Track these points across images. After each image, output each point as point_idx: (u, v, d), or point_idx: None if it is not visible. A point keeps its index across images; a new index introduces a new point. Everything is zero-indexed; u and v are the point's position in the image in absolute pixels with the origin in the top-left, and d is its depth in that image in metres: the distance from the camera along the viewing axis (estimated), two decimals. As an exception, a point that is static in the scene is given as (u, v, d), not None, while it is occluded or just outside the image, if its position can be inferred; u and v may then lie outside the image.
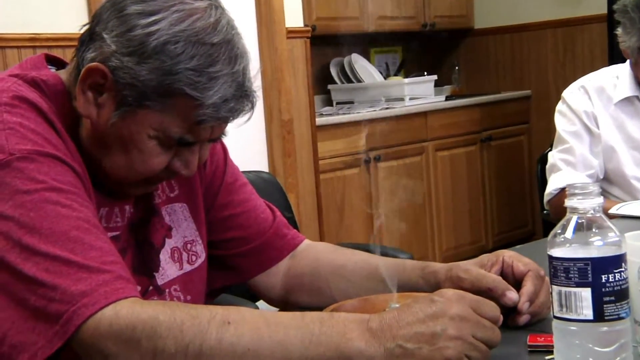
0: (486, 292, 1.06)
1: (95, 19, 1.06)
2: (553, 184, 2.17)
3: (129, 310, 0.89)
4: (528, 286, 1.08)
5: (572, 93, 2.23)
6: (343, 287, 1.24)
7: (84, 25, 1.08)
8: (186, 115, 1.02)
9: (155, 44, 1.00)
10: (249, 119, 1.08)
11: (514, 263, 1.12)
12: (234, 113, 1.05)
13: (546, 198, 2.20)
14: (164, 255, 1.18)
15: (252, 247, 1.28)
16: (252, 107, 1.08)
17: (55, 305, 0.89)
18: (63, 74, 1.10)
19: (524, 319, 1.07)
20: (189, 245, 1.22)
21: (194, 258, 1.22)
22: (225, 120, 1.05)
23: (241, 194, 1.29)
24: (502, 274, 1.13)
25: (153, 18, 1.01)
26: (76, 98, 1.06)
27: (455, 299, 0.91)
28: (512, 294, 1.06)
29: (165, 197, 1.21)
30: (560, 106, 2.25)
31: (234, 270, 1.29)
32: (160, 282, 1.17)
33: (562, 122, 2.22)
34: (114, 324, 0.88)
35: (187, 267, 1.21)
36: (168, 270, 1.18)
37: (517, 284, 1.10)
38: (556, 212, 2.17)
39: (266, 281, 1.30)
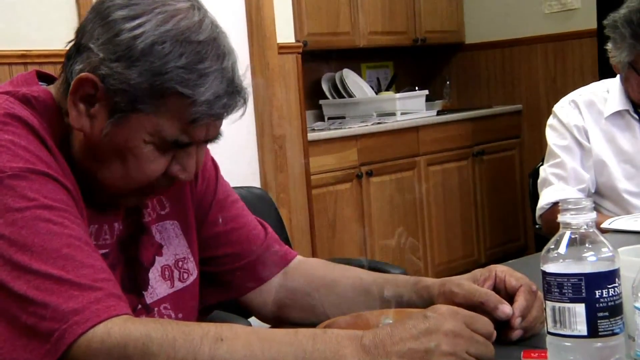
0: (479, 306, 1.06)
1: (80, 32, 1.06)
2: (545, 199, 2.18)
3: (120, 328, 0.89)
4: (520, 301, 1.08)
5: (563, 107, 2.24)
6: (335, 303, 1.23)
7: (70, 42, 1.08)
8: (180, 115, 1.02)
9: (142, 46, 1.00)
10: (242, 114, 1.08)
11: (507, 278, 1.12)
12: (227, 109, 1.05)
13: (538, 212, 2.20)
14: (154, 274, 1.17)
15: (244, 263, 1.27)
16: (245, 103, 1.08)
17: (46, 323, 0.89)
18: (52, 89, 1.10)
19: (516, 334, 1.06)
20: (180, 263, 1.21)
21: (185, 276, 1.22)
22: (219, 117, 1.05)
23: (233, 210, 1.29)
24: (495, 288, 1.12)
25: (138, 21, 1.01)
26: (67, 113, 1.05)
27: (449, 315, 0.90)
28: (505, 307, 1.06)
29: (155, 215, 1.20)
30: (551, 120, 2.26)
31: (226, 287, 1.28)
32: (149, 300, 1.16)
33: (553, 136, 2.23)
34: (106, 342, 0.88)
35: (179, 285, 1.20)
36: (157, 288, 1.17)
37: (509, 298, 1.10)
38: (548, 226, 2.17)
39: (258, 298, 1.29)
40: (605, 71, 2.22)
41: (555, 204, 2.12)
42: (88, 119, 1.04)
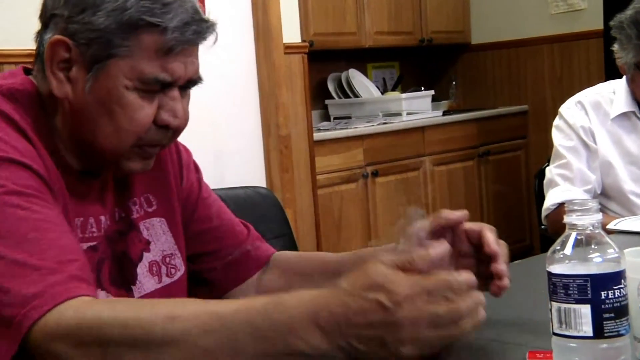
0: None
1: (43, 9, 1.10)
2: (550, 200, 2.17)
3: (75, 311, 0.89)
4: (494, 243, 1.04)
5: (569, 108, 2.24)
6: None
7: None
8: (155, 49, 1.04)
9: None
10: (215, 41, 1.11)
11: (462, 225, 1.11)
12: (198, 35, 1.07)
13: (544, 213, 2.20)
14: (142, 269, 1.19)
15: (228, 260, 1.29)
16: (214, 30, 1.10)
17: (8, 309, 0.89)
18: (34, 79, 1.12)
19: (506, 282, 1.02)
20: (167, 259, 1.22)
21: (173, 271, 1.23)
22: (193, 42, 1.07)
23: (216, 208, 1.31)
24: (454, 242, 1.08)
25: None
26: (49, 97, 1.07)
27: (405, 298, 0.80)
28: (489, 239, 1.04)
29: (143, 212, 1.21)
30: (557, 121, 2.26)
31: (211, 284, 1.30)
32: (137, 295, 1.17)
33: (559, 137, 2.23)
34: (60, 325, 0.88)
35: (167, 280, 1.22)
36: (146, 284, 1.19)
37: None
38: (553, 227, 2.17)
39: (240, 296, 1.30)
40: (612, 72, 2.22)
41: (561, 204, 2.12)
42: (69, 84, 1.07)
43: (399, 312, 0.79)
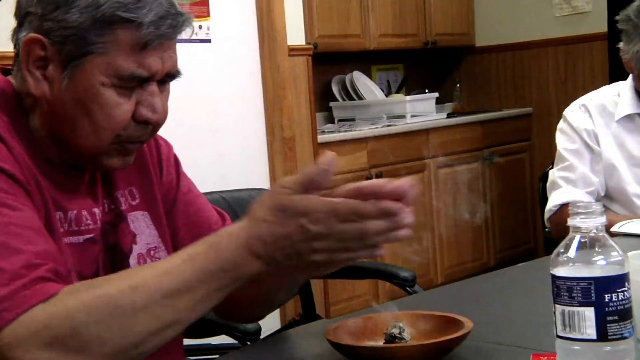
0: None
1: (17, 9, 1.09)
2: (552, 201, 2.18)
3: (44, 310, 0.91)
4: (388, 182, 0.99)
5: (573, 112, 2.24)
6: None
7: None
8: (131, 45, 1.04)
9: None
10: (192, 34, 1.11)
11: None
12: (174, 29, 1.07)
13: (546, 215, 2.20)
14: (133, 261, 1.19)
15: None
16: (190, 24, 1.10)
17: None
18: (12, 78, 1.12)
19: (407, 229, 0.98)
20: (152, 252, 1.22)
21: None
22: (169, 37, 1.07)
23: (196, 204, 1.29)
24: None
25: None
26: (27, 95, 1.07)
27: (321, 219, 0.92)
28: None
29: (128, 205, 1.21)
30: (561, 124, 2.26)
31: None
32: None
33: (563, 140, 2.23)
34: (31, 327, 0.90)
35: None
36: None
37: None
38: (556, 229, 2.17)
39: None
40: (616, 75, 2.23)
41: (563, 206, 2.12)
42: (46, 82, 1.06)
43: (316, 229, 0.93)
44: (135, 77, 1.06)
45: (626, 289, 0.87)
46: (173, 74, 1.11)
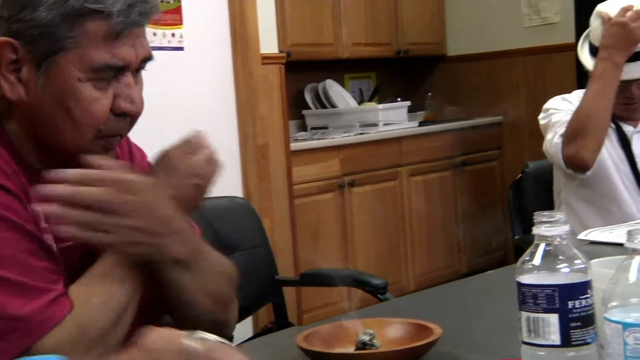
0: None
1: None
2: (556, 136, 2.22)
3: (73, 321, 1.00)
4: None
5: (555, 99, 2.32)
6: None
7: None
8: (102, 36, 1.04)
9: None
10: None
11: None
12: (144, 16, 1.08)
13: (555, 147, 2.21)
14: None
15: None
16: (158, 10, 1.12)
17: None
18: None
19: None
20: None
21: None
22: (139, 24, 1.07)
23: None
24: None
25: None
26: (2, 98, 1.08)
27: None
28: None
29: None
30: (542, 115, 2.32)
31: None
32: None
33: (549, 117, 2.29)
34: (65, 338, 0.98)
35: None
36: None
37: None
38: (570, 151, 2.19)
39: None
40: (584, 84, 2.28)
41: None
42: (21, 85, 1.06)
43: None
44: (110, 67, 1.06)
45: (589, 295, 0.89)
46: (147, 59, 1.11)
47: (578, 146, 2.14)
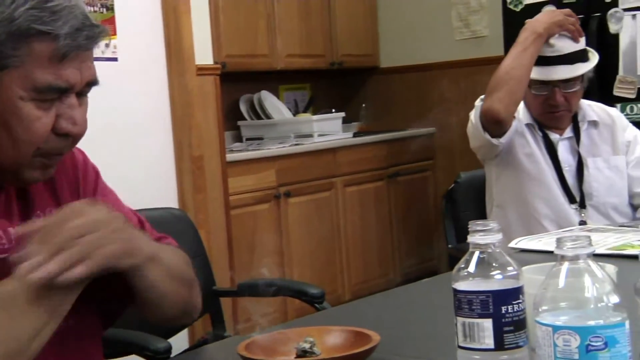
0: None
1: None
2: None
3: None
4: None
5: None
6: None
7: None
8: (48, 57, 1.04)
9: None
10: (107, 45, 1.14)
11: None
12: (91, 40, 1.08)
13: (477, 104, 2.36)
14: None
15: None
16: (107, 34, 1.12)
17: None
18: None
19: None
20: None
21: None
22: (85, 47, 1.08)
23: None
24: None
25: None
26: None
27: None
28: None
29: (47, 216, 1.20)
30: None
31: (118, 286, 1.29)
32: None
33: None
34: None
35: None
36: None
37: None
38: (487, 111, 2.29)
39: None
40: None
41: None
42: None
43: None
44: (53, 89, 1.06)
45: (521, 301, 0.93)
46: (92, 83, 1.11)
47: (492, 100, 2.24)
